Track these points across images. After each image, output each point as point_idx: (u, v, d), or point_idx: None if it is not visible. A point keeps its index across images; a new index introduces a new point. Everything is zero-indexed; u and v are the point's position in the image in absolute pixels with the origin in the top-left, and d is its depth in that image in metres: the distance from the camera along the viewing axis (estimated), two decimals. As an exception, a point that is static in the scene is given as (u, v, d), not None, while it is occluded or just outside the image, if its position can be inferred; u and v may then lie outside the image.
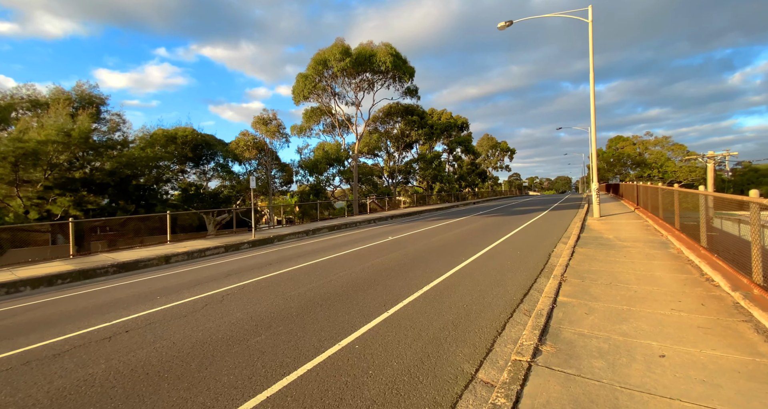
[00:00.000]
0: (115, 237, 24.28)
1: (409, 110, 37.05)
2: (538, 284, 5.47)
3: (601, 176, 59.90)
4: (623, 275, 5.14)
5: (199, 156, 25.87)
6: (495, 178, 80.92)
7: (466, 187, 56.85)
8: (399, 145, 41.02)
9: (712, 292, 4.13)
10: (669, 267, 5.46)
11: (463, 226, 14.03)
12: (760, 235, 3.67)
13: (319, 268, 7.37)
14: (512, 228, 12.36)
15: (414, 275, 6.34)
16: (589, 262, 6.09)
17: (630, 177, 54.11)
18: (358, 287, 5.66)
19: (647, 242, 7.66)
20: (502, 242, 9.56)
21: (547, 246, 8.56)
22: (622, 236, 8.48)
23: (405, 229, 14.13)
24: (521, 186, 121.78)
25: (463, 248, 8.87)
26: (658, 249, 6.85)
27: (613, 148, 60.26)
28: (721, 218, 11.76)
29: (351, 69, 27.50)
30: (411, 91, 33.93)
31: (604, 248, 7.22)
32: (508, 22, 14.00)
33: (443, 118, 45.34)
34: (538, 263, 6.89)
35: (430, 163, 40.60)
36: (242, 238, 12.47)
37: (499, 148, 76.39)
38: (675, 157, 51.93)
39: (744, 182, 44.48)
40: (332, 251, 9.49)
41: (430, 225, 15.00)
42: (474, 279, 5.90)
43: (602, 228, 10.18)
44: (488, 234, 11.10)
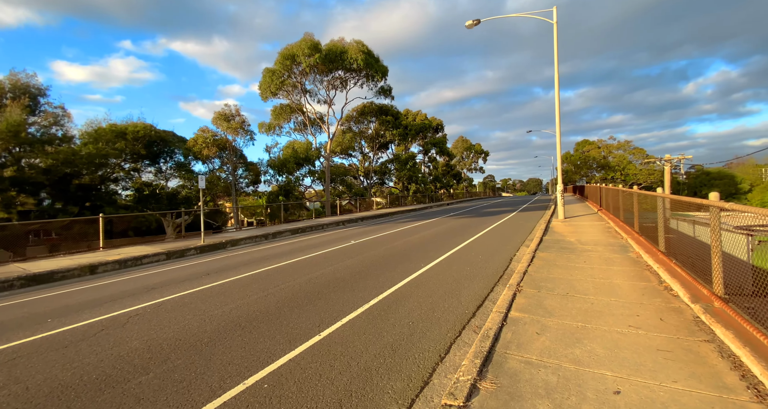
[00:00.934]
0: (58, 241, 22.03)
1: (383, 110, 36.60)
2: (494, 293, 5.03)
3: (569, 178, 62.27)
4: (581, 284, 4.79)
5: (155, 154, 24.03)
6: (470, 179, 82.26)
7: (442, 189, 57.27)
8: (374, 145, 40.48)
9: (671, 303, 3.81)
10: (628, 274, 5.19)
11: (432, 228, 13.64)
12: (720, 241, 3.36)
13: (260, 279, 6.60)
14: (479, 230, 12.08)
15: (365, 285, 5.73)
16: (548, 268, 5.74)
17: (595, 179, 56.57)
18: (296, 303, 4.97)
19: (607, 245, 7.49)
20: (466, 245, 9.18)
21: (510, 250, 8.25)
22: (584, 239, 8.32)
23: (372, 231, 13.54)
24: (495, 187, 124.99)
25: (425, 252, 8.39)
26: (617, 253, 6.65)
27: (580, 152, 62.85)
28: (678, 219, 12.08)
29: (322, 66, 26.64)
30: (385, 90, 33.50)
31: (564, 252, 6.95)
32: (476, 20, 13.79)
33: (418, 119, 45.28)
34: (497, 268, 6.50)
35: (405, 164, 40.34)
36: (190, 243, 11.38)
37: (474, 151, 77.73)
38: (636, 161, 54.86)
39: (697, 185, 47.60)
40: (284, 258, 8.71)
41: (399, 227, 14.50)
42: (428, 289, 5.38)
43: (565, 231, 10.06)
44: (454, 237, 10.71)
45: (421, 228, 13.81)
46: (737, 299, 3.29)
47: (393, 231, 13.22)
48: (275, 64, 25.00)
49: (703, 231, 7.82)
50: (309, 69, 26.47)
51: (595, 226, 10.72)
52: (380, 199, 42.09)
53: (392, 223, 17.13)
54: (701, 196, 23.49)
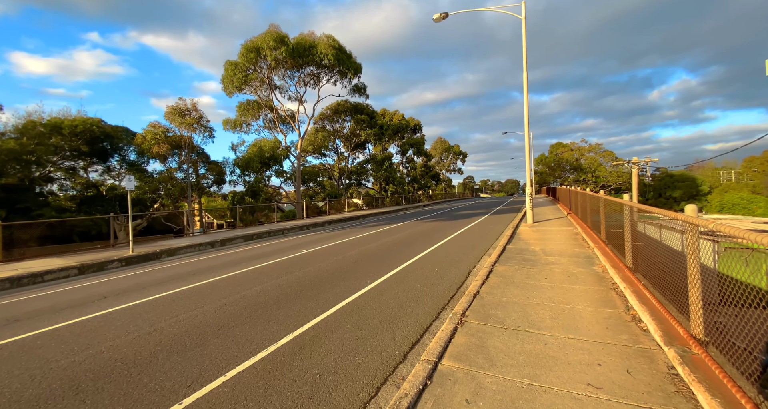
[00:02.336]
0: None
1: (358, 109, 35.55)
2: (439, 321, 4.17)
3: (543, 180, 63.51)
4: (537, 311, 3.99)
5: (103, 151, 21.89)
6: (448, 180, 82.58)
7: (420, 190, 56.89)
8: (349, 145, 39.35)
9: (639, 342, 3.05)
10: (591, 295, 4.46)
11: (398, 233, 12.77)
12: (700, 269, 2.60)
13: (163, 304, 5.43)
14: (446, 236, 11.32)
15: (287, 313, 4.72)
16: (503, 288, 4.94)
17: (568, 181, 57.91)
18: (180, 346, 3.88)
19: (572, 256, 6.84)
20: (427, 254, 8.34)
21: (471, 260, 7.47)
22: (548, 248, 7.66)
23: (333, 237, 12.50)
24: (473, 188, 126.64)
25: (379, 264, 7.46)
26: (582, 266, 5.98)
27: (554, 154, 64.27)
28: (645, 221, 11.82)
29: (291, 60, 25.31)
30: (359, 89, 32.50)
31: (525, 265, 6.21)
32: (444, 14, 13.06)
33: (395, 120, 44.54)
34: (451, 286, 5.66)
35: (381, 164, 39.45)
36: (115, 253, 9.92)
37: (452, 152, 78.04)
38: (606, 163, 56.59)
39: (662, 187, 49.55)
40: (215, 273, 7.54)
41: (364, 232, 13.54)
42: (362, 317, 4.44)
43: (531, 237, 9.43)
44: (417, 244, 9.87)
45: (387, 233, 12.92)
46: (720, 339, 2.54)
47: (355, 237, 12.24)
48: (239, 56, 23.42)
49: (669, 235, 7.40)
50: (276, 63, 25.07)
51: (563, 232, 10.19)
52: (357, 201, 41.10)
53: (360, 227, 16.16)
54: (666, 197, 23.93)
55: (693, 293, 2.68)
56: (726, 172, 54.90)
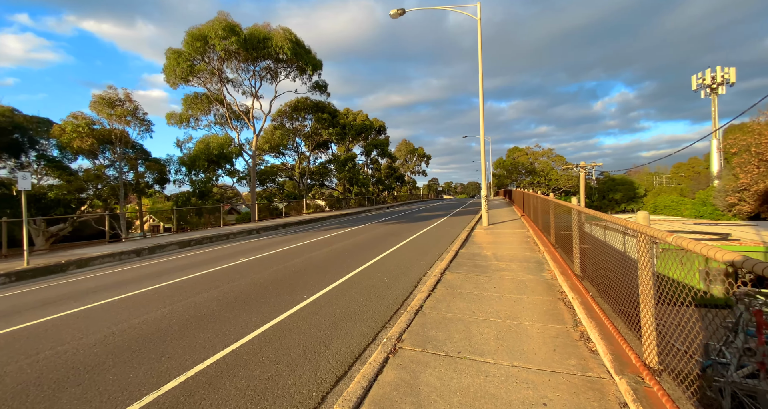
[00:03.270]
0: None
1: (319, 107, 34.37)
2: (374, 346, 3.57)
3: (501, 182, 66.30)
4: (482, 330, 3.54)
5: (12, 145, 18.80)
6: (413, 182, 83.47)
7: (385, 191, 56.71)
8: (311, 144, 37.94)
9: (589, 370, 2.66)
10: (539, 307, 4.12)
11: (353, 237, 12.09)
12: (653, 287, 2.24)
13: (38, 336, 4.29)
14: (402, 239, 10.85)
15: (188, 344, 3.85)
16: (449, 301, 4.47)
17: (524, 183, 60.92)
18: (29, 396, 2.91)
19: (523, 261, 6.62)
20: (378, 260, 7.76)
21: (423, 266, 7.01)
22: (500, 253, 7.43)
23: (280, 243, 11.51)
24: (437, 190, 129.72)
25: (322, 274, 6.73)
26: (532, 272, 5.73)
27: (511, 158, 67.37)
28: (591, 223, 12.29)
29: (244, 53, 23.67)
30: (320, 86, 31.40)
31: (475, 273, 5.85)
32: (401, 10, 12.67)
33: (359, 120, 43.85)
34: (397, 298, 5.10)
35: (344, 165, 38.52)
36: (9, 266, 8.18)
37: (417, 154, 79.01)
38: (557, 167, 60.34)
39: (605, 189, 53.75)
40: (119, 290, 6.34)
41: (317, 236, 12.68)
42: (284, 344, 3.72)
43: (485, 241, 9.24)
44: (370, 249, 9.27)
45: (343, 237, 12.18)
46: (674, 363, 2.19)
47: (306, 242, 11.37)
48: (183, 44, 21.36)
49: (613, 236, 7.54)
50: (227, 54, 23.30)
51: (516, 234, 10.15)
52: (320, 202, 39.93)
53: (316, 230, 15.24)
54: (609, 199, 25.44)
55: (646, 315, 2.31)
56: (658, 176, 61.04)
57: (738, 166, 21.48)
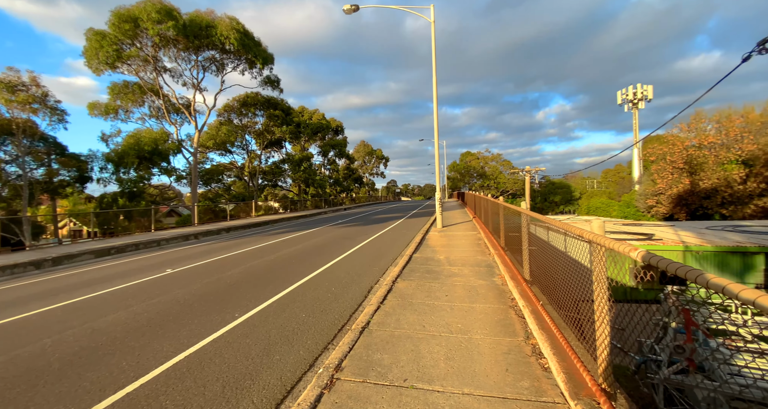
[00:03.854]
0: None
1: (271, 103, 32.57)
2: (311, 374, 3.06)
3: (455, 185, 68.87)
4: (432, 348, 3.21)
5: None
6: (372, 183, 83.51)
7: (343, 192, 55.77)
8: (262, 142, 35.82)
9: (543, 393, 2.43)
10: (491, 317, 3.92)
11: (304, 241, 11.32)
12: (609, 306, 2.04)
13: None
14: (356, 243, 10.37)
15: (68, 388, 3.00)
16: (399, 314, 4.11)
17: (475, 186, 63.87)
18: None
19: (475, 265, 6.53)
20: (328, 268, 7.20)
21: (375, 273, 6.61)
22: (453, 257, 7.30)
23: (219, 250, 10.39)
24: (395, 192, 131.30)
25: (261, 286, 6.01)
26: (483, 277, 5.61)
27: (464, 162, 70.35)
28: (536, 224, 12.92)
29: (184, 40, 21.54)
30: (272, 81, 29.81)
31: (428, 279, 5.59)
32: (354, 6, 12.24)
33: (315, 119, 42.52)
34: (343, 312, 4.62)
35: (299, 165, 36.97)
36: None
37: (375, 156, 79.13)
38: (505, 171, 64.25)
39: (547, 192, 58.32)
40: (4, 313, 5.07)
41: (263, 241, 11.70)
42: (198, 380, 3.04)
43: (438, 244, 9.14)
44: (320, 255, 8.65)
45: (293, 242, 11.36)
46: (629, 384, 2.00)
47: (250, 248, 10.38)
48: (108, 25, 18.74)
49: (555, 237, 7.84)
50: (163, 41, 21.01)
51: (468, 237, 10.22)
52: (274, 204, 38.00)
53: (263, 234, 14.14)
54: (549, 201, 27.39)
55: (600, 333, 2.11)
56: (590, 181, 67.88)
57: (655, 172, 24.39)
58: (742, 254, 8.46)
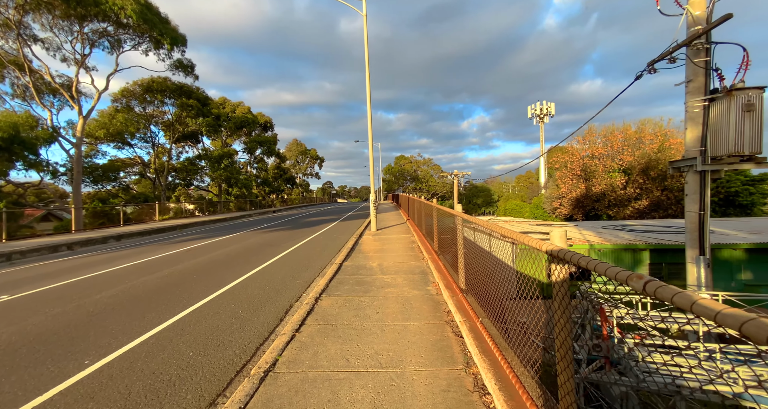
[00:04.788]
0: None
1: (184, 91, 28.49)
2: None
3: (390, 187, 70.24)
4: (356, 395, 2.51)
5: None
6: (306, 184, 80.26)
7: (273, 193, 52.12)
8: (172, 134, 31.12)
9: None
10: (427, 340, 3.40)
11: (215, 250, 9.64)
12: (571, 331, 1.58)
13: None
14: (280, 251, 9.16)
15: None
16: (317, 346, 3.32)
17: (409, 189, 65.98)
18: None
19: (409, 272, 6.07)
20: (240, 283, 5.98)
21: (298, 288, 5.66)
22: (386, 264, 6.77)
23: (92, 266, 8.17)
24: (331, 193, 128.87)
25: (136, 317, 4.59)
26: (417, 287, 5.14)
27: (398, 165, 72.18)
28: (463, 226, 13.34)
29: (63, 6, 17.39)
30: (185, 66, 26.10)
31: (357, 293, 4.89)
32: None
33: (239, 112, 38.75)
34: (246, 348, 3.62)
35: (219, 161, 33.08)
36: None
37: (309, 155, 76.25)
38: (435, 175, 67.73)
39: (470, 195, 63.06)
40: None
41: (162, 251, 9.65)
42: None
43: (372, 249, 8.56)
44: (232, 267, 7.29)
45: (200, 251, 9.58)
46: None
47: (140, 261, 8.39)
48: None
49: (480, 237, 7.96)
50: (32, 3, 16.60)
51: (402, 240, 9.87)
52: (189, 205, 33.41)
53: (166, 242, 11.82)
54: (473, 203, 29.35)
55: (563, 378, 1.64)
56: (506, 185, 75.69)
57: (559, 178, 27.89)
58: (633, 251, 9.72)
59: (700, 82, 6.81)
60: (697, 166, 6.86)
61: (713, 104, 6.72)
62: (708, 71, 6.64)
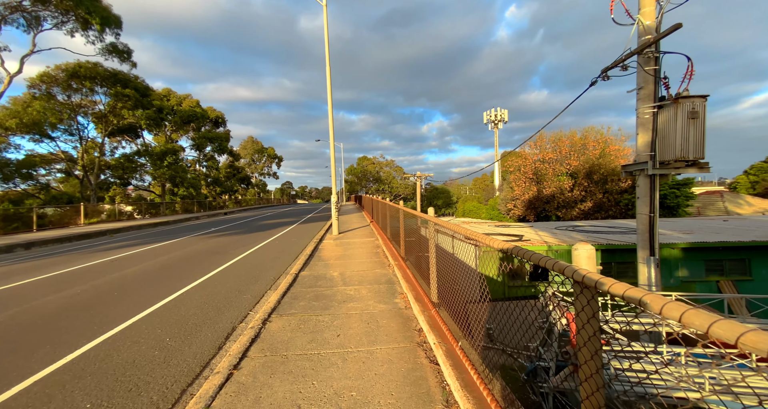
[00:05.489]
0: None
1: (120, 79, 25.28)
2: None
3: (352, 188, 69.39)
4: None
5: None
6: (263, 184, 76.56)
7: (225, 194, 48.70)
8: (105, 127, 27.50)
9: None
10: (397, 370, 2.88)
11: (148, 260, 8.29)
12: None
13: None
14: (226, 259, 8.11)
15: None
16: (260, 387, 2.65)
17: (372, 190, 65.67)
18: None
19: (374, 282, 5.53)
20: (170, 302, 5.00)
21: (244, 305, 4.85)
22: (348, 273, 6.17)
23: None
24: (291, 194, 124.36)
25: (17, 358, 3.52)
26: (384, 300, 4.62)
27: (361, 166, 71.57)
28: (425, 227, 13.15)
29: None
30: (120, 51, 23.27)
31: (315, 312, 4.25)
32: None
33: (186, 105, 35.53)
34: (168, 391, 2.82)
35: (162, 158, 29.93)
36: None
37: (267, 154, 72.83)
38: (397, 176, 68.19)
39: (431, 197, 64.40)
40: None
41: (80, 262, 8.09)
42: None
43: (333, 255, 7.89)
44: (164, 282, 6.20)
45: (129, 261, 8.18)
46: None
47: (44, 276, 6.89)
48: None
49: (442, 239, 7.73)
50: None
51: (366, 245, 9.32)
52: (126, 207, 29.82)
53: (89, 251, 10.04)
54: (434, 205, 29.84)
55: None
56: (464, 188, 78.52)
57: (513, 181, 29.24)
58: (586, 250, 10.11)
59: (650, 90, 7.09)
60: (648, 170, 7.14)
61: (662, 111, 7.02)
62: (657, 79, 6.96)
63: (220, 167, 49.04)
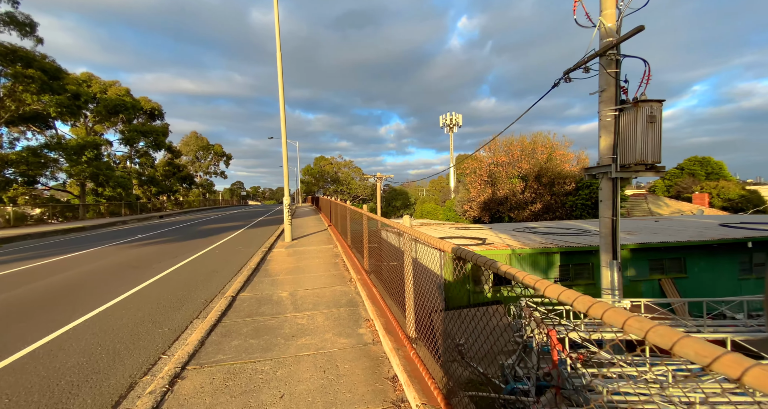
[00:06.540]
0: None
1: (20, 57, 20.90)
2: None
3: (309, 189, 66.81)
4: None
5: None
6: (209, 184, 70.57)
7: (163, 195, 43.63)
8: (2, 114, 22.61)
9: None
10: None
11: (43, 277, 6.35)
12: None
13: None
14: (148, 275, 6.50)
15: None
16: None
17: (329, 191, 63.75)
18: None
19: (333, 306, 4.54)
20: (53, 342, 3.54)
21: (155, 347, 3.57)
22: (302, 293, 5.09)
23: None
24: (241, 195, 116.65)
25: None
26: (346, 333, 3.67)
27: (318, 166, 69.18)
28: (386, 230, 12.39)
29: None
30: (20, 23, 19.39)
31: (253, 355, 3.16)
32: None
33: (112, 93, 30.94)
34: None
35: (79, 153, 25.49)
36: None
37: (213, 152, 67.33)
38: (356, 177, 67.07)
39: (390, 198, 64.33)
40: None
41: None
42: None
43: (283, 268, 6.72)
44: (58, 307, 4.57)
45: (16, 280, 6.20)
46: None
47: None
48: None
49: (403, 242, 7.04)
50: None
51: (323, 253, 8.24)
52: (32, 210, 25.06)
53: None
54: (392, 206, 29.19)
55: None
56: (421, 189, 79.90)
57: (469, 183, 29.89)
58: (547, 254, 10.12)
59: (612, 92, 7.01)
60: (612, 173, 7.06)
61: (622, 114, 6.96)
62: (618, 82, 6.91)
63: (156, 165, 43.96)
